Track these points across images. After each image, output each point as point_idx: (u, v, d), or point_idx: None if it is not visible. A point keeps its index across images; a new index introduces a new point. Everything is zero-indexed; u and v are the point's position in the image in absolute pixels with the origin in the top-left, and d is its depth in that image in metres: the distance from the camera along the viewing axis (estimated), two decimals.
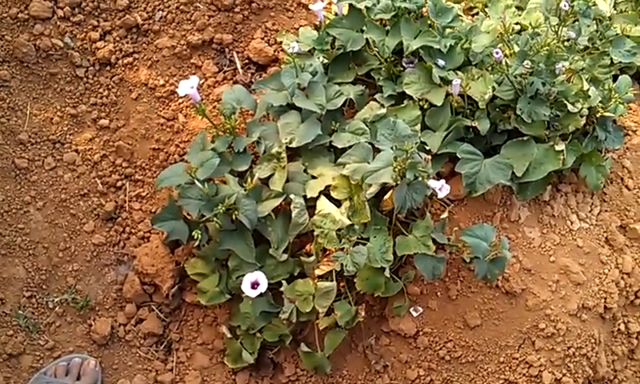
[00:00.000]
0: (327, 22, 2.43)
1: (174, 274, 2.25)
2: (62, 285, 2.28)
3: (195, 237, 2.03)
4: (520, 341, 2.18)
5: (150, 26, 2.58)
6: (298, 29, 2.59)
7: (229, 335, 2.15)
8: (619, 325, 2.36)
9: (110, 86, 2.53)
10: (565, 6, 2.29)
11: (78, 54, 2.50)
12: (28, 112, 2.42)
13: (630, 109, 2.76)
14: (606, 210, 2.46)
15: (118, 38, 2.56)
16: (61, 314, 2.25)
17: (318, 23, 2.55)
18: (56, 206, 2.36)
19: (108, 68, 2.55)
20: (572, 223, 2.36)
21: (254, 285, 1.93)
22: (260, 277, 1.93)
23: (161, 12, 2.59)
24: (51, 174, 2.39)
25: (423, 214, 2.17)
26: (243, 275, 1.96)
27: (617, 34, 2.53)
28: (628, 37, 2.56)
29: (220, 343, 2.24)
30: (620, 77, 2.40)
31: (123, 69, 2.55)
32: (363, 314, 2.11)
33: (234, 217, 2.02)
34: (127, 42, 2.57)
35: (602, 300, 2.27)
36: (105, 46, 2.53)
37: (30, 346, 2.18)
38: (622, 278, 2.35)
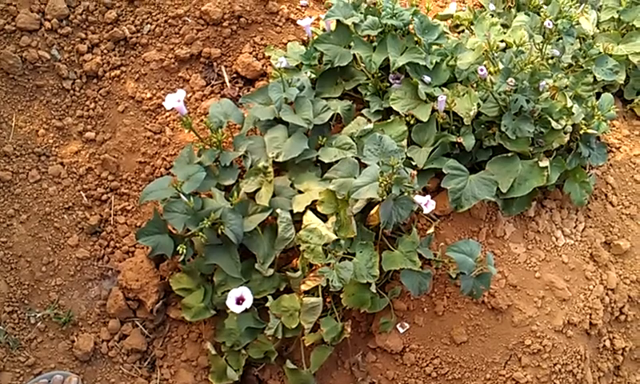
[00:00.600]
0: (315, 37, 2.45)
1: (158, 289, 2.23)
2: (45, 300, 2.24)
3: (180, 251, 2.01)
4: (506, 357, 2.18)
5: (138, 39, 2.58)
6: (286, 44, 2.60)
7: (213, 352, 2.12)
8: (604, 341, 2.37)
9: (96, 99, 2.52)
10: (549, 24, 2.33)
11: (65, 66, 2.49)
12: (13, 124, 2.39)
13: (614, 126, 2.80)
14: (591, 226, 2.48)
15: (105, 51, 2.55)
16: (43, 329, 2.21)
17: (305, 38, 2.57)
18: (40, 220, 2.32)
19: (95, 80, 2.54)
20: (557, 239, 2.37)
21: (239, 300, 1.91)
22: (245, 292, 1.92)
23: (149, 25, 2.59)
24: (35, 187, 2.37)
25: (409, 229, 2.17)
26: (228, 290, 1.95)
27: (599, 53, 2.58)
28: (610, 55, 2.61)
29: (204, 360, 2.22)
30: (603, 95, 2.44)
31: (110, 81, 2.54)
32: (349, 330, 2.11)
33: (219, 231, 2.01)
34: (115, 55, 2.56)
35: (588, 316, 2.28)
36: (92, 59, 2.52)
37: (9, 362, 2.13)
38: (607, 294, 2.37)
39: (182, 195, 2.03)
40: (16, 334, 2.17)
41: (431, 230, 2.18)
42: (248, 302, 1.90)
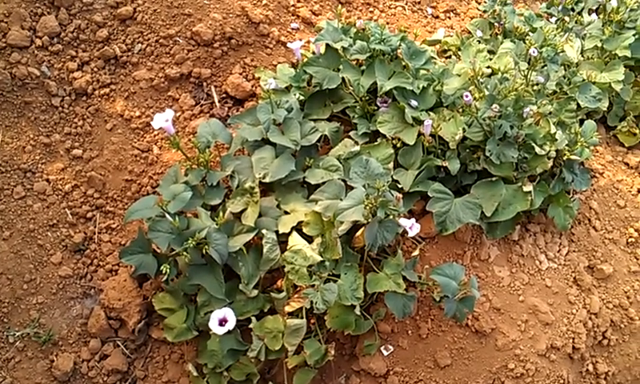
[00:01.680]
0: (305, 60, 2.48)
1: (141, 308, 2.21)
2: (25, 318, 2.21)
3: (164, 271, 2.00)
4: (490, 381, 2.17)
5: (129, 58, 2.60)
6: (276, 66, 2.63)
7: (195, 373, 2.10)
8: (587, 365, 2.37)
9: (85, 116, 2.52)
10: (534, 52, 2.38)
11: (54, 84, 2.50)
12: (0, 140, 2.38)
13: (597, 152, 2.85)
14: (574, 251, 2.50)
15: (95, 69, 2.57)
16: (21, 348, 2.17)
17: (295, 61, 2.60)
18: (23, 236, 2.30)
19: (84, 98, 2.54)
20: (541, 263, 2.39)
21: (222, 322, 1.90)
22: (228, 313, 1.91)
23: (140, 45, 2.61)
24: (20, 204, 2.35)
25: (395, 251, 2.18)
26: (212, 311, 1.93)
27: (583, 80, 2.63)
28: (594, 83, 2.66)
29: (186, 381, 2.19)
30: (586, 121, 2.48)
31: (100, 99, 2.55)
32: (333, 352, 2.09)
33: (204, 251, 2.01)
34: (105, 73, 2.57)
35: (571, 340, 2.29)
36: (82, 77, 2.53)
37: None
38: (590, 318, 2.38)
39: (167, 214, 2.02)
40: None
41: (416, 253, 2.19)
42: (231, 324, 1.89)
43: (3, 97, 2.43)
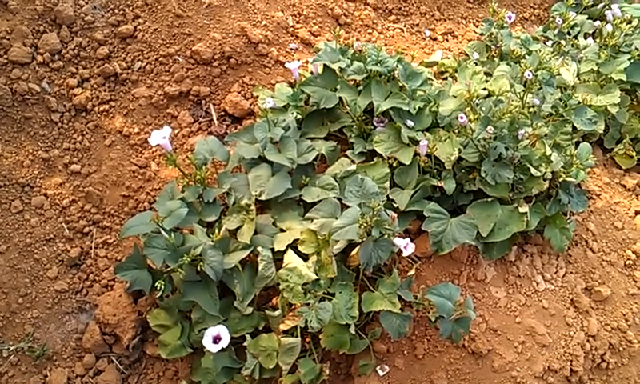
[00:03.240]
0: (302, 79, 2.51)
1: (135, 324, 2.20)
2: (19, 332, 2.20)
3: (159, 287, 2.00)
4: None
5: (129, 75, 2.63)
6: (274, 85, 2.66)
7: None
8: None
9: (84, 132, 2.54)
10: (529, 75, 2.41)
11: (54, 100, 2.52)
12: None
13: (594, 173, 2.86)
14: (571, 272, 2.50)
15: (95, 86, 2.59)
16: (15, 363, 2.16)
17: (293, 80, 2.63)
18: (20, 251, 2.31)
19: (84, 114, 2.57)
20: (538, 284, 2.38)
21: (216, 339, 1.89)
22: (222, 331, 1.90)
23: (140, 62, 2.65)
24: (17, 218, 2.36)
25: (390, 270, 2.18)
26: (206, 328, 1.92)
27: (579, 103, 2.65)
28: (589, 106, 2.68)
29: None
30: (581, 144, 2.50)
31: (99, 115, 2.57)
32: (328, 371, 2.08)
33: (199, 268, 2.00)
34: (104, 90, 2.60)
35: (568, 363, 2.27)
36: (82, 93, 2.55)
37: None
38: (588, 340, 2.37)
39: (162, 231, 2.03)
40: None
41: (412, 272, 2.19)
42: (225, 341, 1.88)
43: (3, 112, 2.45)
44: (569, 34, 3.34)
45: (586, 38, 3.21)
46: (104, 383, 2.20)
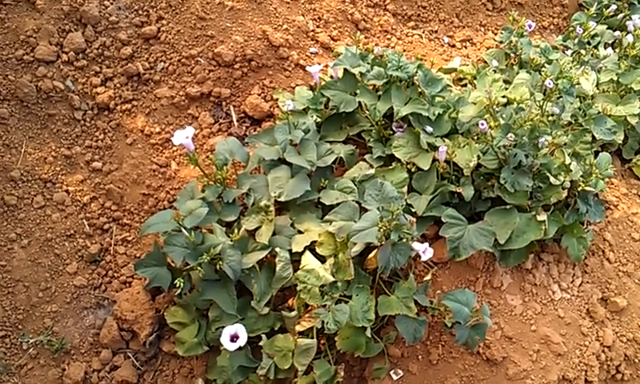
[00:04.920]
0: (322, 83, 2.53)
1: (153, 321, 2.23)
2: (39, 326, 2.24)
3: (177, 285, 2.02)
4: None
5: (151, 75, 2.66)
6: (294, 88, 2.68)
7: None
8: None
9: (106, 130, 2.58)
10: (549, 83, 2.41)
11: (77, 98, 2.56)
12: (23, 150, 2.45)
13: (612, 184, 2.85)
14: (588, 282, 2.49)
15: (118, 85, 2.63)
16: (34, 355, 2.19)
17: (313, 84, 2.65)
18: (41, 245, 2.34)
19: (106, 113, 2.61)
20: (554, 293, 2.38)
21: (234, 338, 1.91)
22: (240, 330, 1.92)
23: (163, 63, 2.68)
24: (39, 213, 2.40)
25: (407, 274, 2.18)
26: (223, 327, 1.95)
27: (599, 113, 2.65)
28: (609, 116, 2.67)
29: None
30: (600, 154, 2.49)
31: (121, 114, 2.61)
32: (342, 373, 2.08)
33: (218, 267, 2.03)
34: (127, 89, 2.64)
35: (583, 372, 2.26)
36: (105, 92, 2.60)
37: None
38: (603, 351, 2.35)
39: (183, 229, 2.05)
40: (7, 359, 2.16)
41: (428, 277, 2.19)
42: (242, 340, 1.90)
43: (28, 109, 2.50)
44: (589, 43, 3.34)
45: (605, 48, 3.20)
46: (120, 378, 2.22)
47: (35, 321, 2.24)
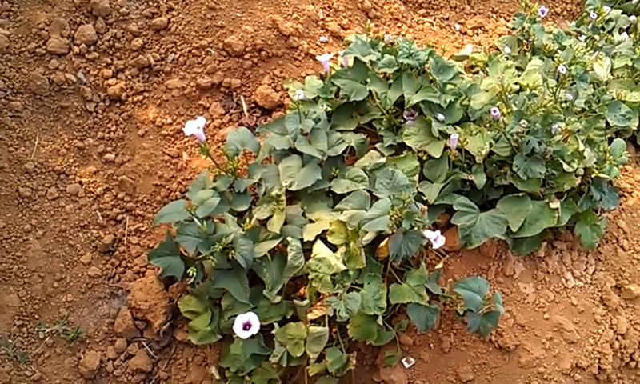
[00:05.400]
0: (333, 72, 2.52)
1: (166, 310, 2.25)
2: (55, 315, 2.27)
3: (190, 274, 2.04)
4: None
5: (162, 66, 2.67)
6: (304, 77, 2.68)
7: (217, 376, 2.12)
8: None
9: (118, 122, 2.60)
10: (562, 69, 2.38)
11: (89, 90, 2.58)
12: (36, 142, 2.47)
13: (626, 171, 2.81)
14: (601, 270, 2.47)
15: (129, 77, 2.65)
16: (51, 344, 2.23)
17: (323, 73, 2.64)
18: (55, 236, 2.37)
19: (118, 104, 2.62)
20: (567, 281, 2.36)
21: (246, 326, 1.92)
22: (252, 318, 1.93)
23: (173, 54, 2.69)
24: (53, 204, 2.42)
25: (418, 263, 2.18)
26: (236, 315, 1.96)
27: (613, 99, 2.61)
28: (624, 102, 2.64)
29: None
30: (615, 140, 2.46)
31: (133, 106, 2.62)
32: (354, 361, 2.09)
33: (230, 256, 2.04)
34: (138, 81, 2.65)
35: (596, 360, 2.25)
36: (116, 83, 2.61)
37: (16, 375, 2.15)
38: (617, 339, 2.34)
39: (195, 219, 2.06)
40: (24, 348, 2.20)
41: (440, 266, 2.19)
42: (255, 328, 1.91)
43: (41, 101, 2.52)
44: (603, 28, 3.28)
45: (620, 33, 3.15)
46: (135, 367, 2.25)
47: (51, 310, 2.28)
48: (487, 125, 2.36)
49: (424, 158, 2.32)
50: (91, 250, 2.41)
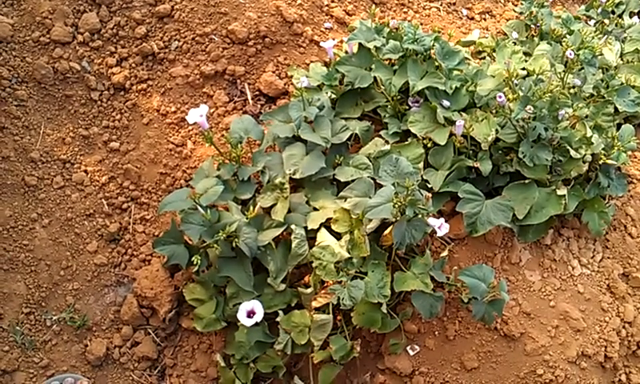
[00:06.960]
0: (337, 59, 2.50)
1: (172, 298, 2.26)
2: (61, 303, 2.29)
3: (195, 262, 2.04)
4: None
5: (166, 54, 2.66)
6: (308, 64, 2.66)
7: (222, 364, 2.13)
8: (620, 375, 2.31)
9: (122, 111, 2.60)
10: (570, 54, 2.34)
11: (93, 78, 2.58)
12: (41, 131, 2.48)
13: (635, 157, 2.77)
14: (609, 257, 2.44)
15: (133, 65, 2.64)
16: (58, 332, 2.25)
17: (328, 60, 2.62)
18: (61, 225, 2.39)
19: (122, 93, 2.62)
20: (573, 268, 2.34)
21: (250, 313, 1.93)
22: (256, 306, 1.94)
23: (177, 42, 2.68)
24: (59, 193, 2.44)
25: (423, 250, 2.17)
26: (240, 303, 1.97)
27: (622, 84, 2.57)
28: (633, 87, 2.59)
29: (214, 371, 2.23)
30: (623, 126, 2.42)
31: (137, 94, 2.62)
32: (359, 349, 2.10)
33: (234, 244, 2.04)
34: (142, 69, 2.65)
35: (603, 348, 2.23)
36: (120, 72, 2.61)
37: (24, 362, 2.18)
38: (624, 327, 2.32)
39: (199, 207, 2.07)
40: (32, 336, 2.22)
41: (445, 253, 2.18)
42: (259, 316, 1.92)
43: (46, 90, 2.53)
44: (613, 12, 3.22)
45: (631, 17, 3.10)
46: (141, 354, 2.27)
47: (58, 298, 2.30)
48: (493, 111, 2.33)
49: (429, 144, 2.30)
50: (97, 238, 2.42)
